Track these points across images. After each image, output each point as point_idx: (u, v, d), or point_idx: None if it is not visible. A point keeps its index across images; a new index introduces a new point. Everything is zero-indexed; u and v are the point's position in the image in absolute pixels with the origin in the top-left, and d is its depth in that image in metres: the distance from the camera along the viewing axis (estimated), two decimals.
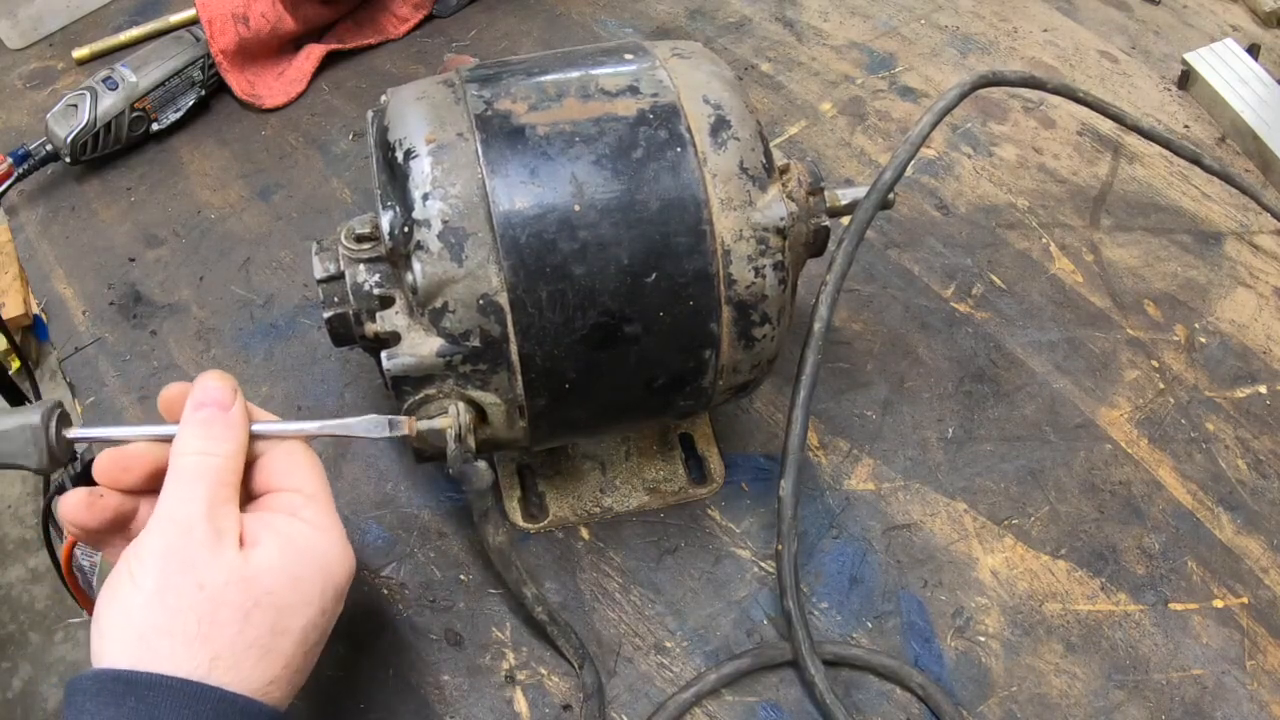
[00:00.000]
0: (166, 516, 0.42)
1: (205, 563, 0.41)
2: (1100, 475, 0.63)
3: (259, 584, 0.41)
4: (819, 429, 0.65)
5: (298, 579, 0.43)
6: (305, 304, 0.72)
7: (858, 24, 0.93)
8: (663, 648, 0.57)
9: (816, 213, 0.54)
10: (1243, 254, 0.75)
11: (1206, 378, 0.68)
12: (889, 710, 0.54)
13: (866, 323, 0.70)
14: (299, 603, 0.43)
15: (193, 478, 0.43)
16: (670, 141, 0.48)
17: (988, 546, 0.60)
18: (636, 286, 0.47)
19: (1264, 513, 0.61)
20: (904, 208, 0.78)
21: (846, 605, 0.58)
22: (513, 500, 0.62)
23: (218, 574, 0.41)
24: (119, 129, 0.80)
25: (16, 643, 1.56)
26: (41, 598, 1.61)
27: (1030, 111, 0.85)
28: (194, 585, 0.40)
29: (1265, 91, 0.82)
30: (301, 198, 0.80)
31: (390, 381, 0.48)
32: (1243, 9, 0.94)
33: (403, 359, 0.47)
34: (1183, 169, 0.80)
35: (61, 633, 1.57)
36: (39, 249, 0.78)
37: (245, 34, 0.84)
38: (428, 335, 0.47)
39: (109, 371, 0.69)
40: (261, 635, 0.41)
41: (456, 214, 0.46)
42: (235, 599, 0.41)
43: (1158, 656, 0.56)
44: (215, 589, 0.40)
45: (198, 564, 0.41)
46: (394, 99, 0.51)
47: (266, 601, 0.41)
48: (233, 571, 0.41)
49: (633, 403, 0.52)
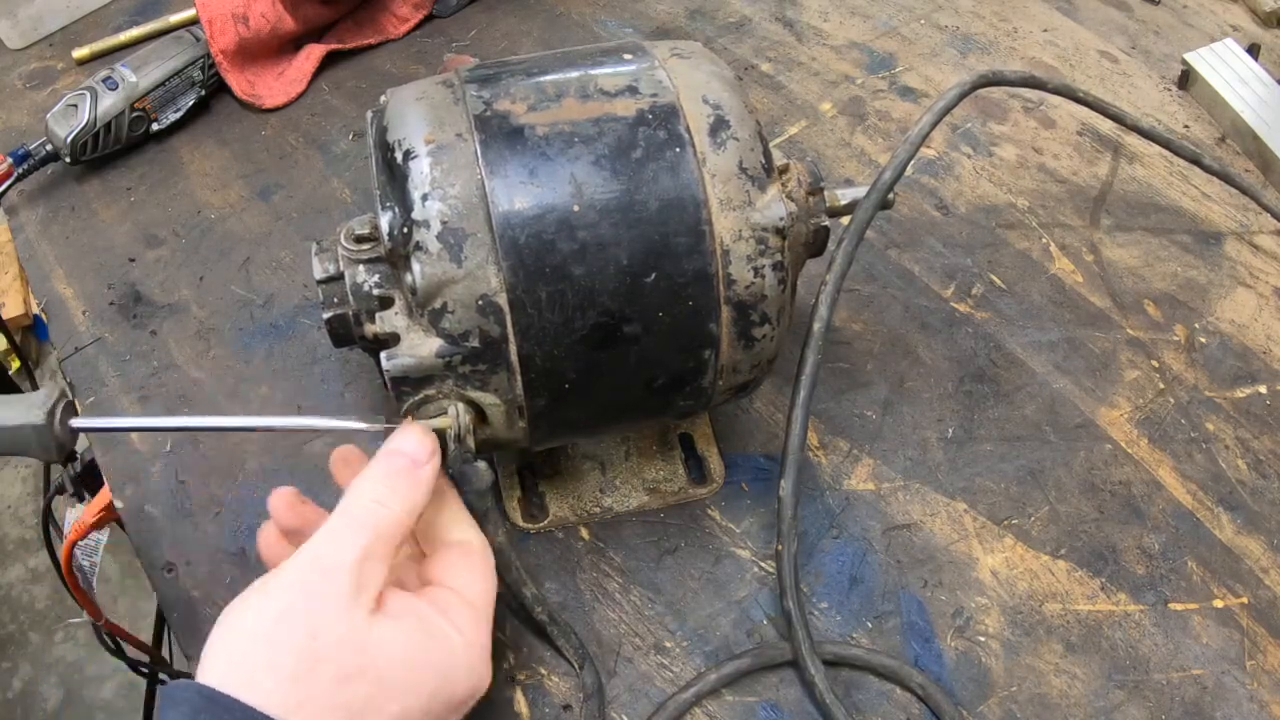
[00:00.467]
0: (314, 553, 0.42)
1: (330, 612, 0.40)
2: (1100, 475, 0.63)
3: (372, 653, 0.40)
4: (819, 429, 0.65)
5: (414, 666, 0.41)
6: (305, 304, 0.72)
7: (858, 24, 0.93)
8: (663, 648, 0.57)
9: (816, 213, 0.54)
10: (1243, 254, 0.75)
11: (1206, 378, 0.68)
12: (889, 710, 0.54)
13: (866, 323, 0.70)
14: (405, 690, 0.41)
15: (357, 523, 0.42)
16: (669, 141, 0.48)
17: (988, 546, 0.60)
18: (636, 287, 0.47)
19: (1264, 513, 0.61)
20: (904, 208, 0.78)
21: (846, 605, 0.58)
22: (513, 500, 0.62)
23: (337, 628, 0.40)
24: (119, 129, 0.80)
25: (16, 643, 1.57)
26: (41, 598, 1.61)
27: (1030, 111, 0.85)
28: (308, 631, 0.39)
29: (1265, 91, 0.82)
30: (301, 198, 0.80)
31: (390, 382, 0.48)
32: (1243, 9, 0.94)
33: (402, 359, 0.47)
34: (1183, 169, 0.80)
35: (61, 633, 1.57)
36: (39, 249, 0.78)
37: (245, 34, 0.84)
38: (427, 336, 0.47)
39: (109, 371, 0.69)
40: (354, 702, 0.39)
41: (455, 214, 0.46)
42: (342, 658, 0.40)
43: (1158, 656, 0.56)
44: (327, 642, 0.40)
45: (323, 612, 0.40)
46: (393, 99, 0.51)
47: (373, 674, 0.40)
48: (353, 631, 0.40)
49: (632, 403, 0.52)
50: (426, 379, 0.48)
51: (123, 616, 1.56)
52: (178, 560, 0.60)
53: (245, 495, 0.63)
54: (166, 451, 0.65)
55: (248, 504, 0.62)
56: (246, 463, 0.64)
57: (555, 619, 0.54)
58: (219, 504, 0.62)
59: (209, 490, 0.63)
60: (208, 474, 0.64)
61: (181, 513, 0.62)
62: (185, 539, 0.61)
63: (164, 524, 0.62)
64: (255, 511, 0.62)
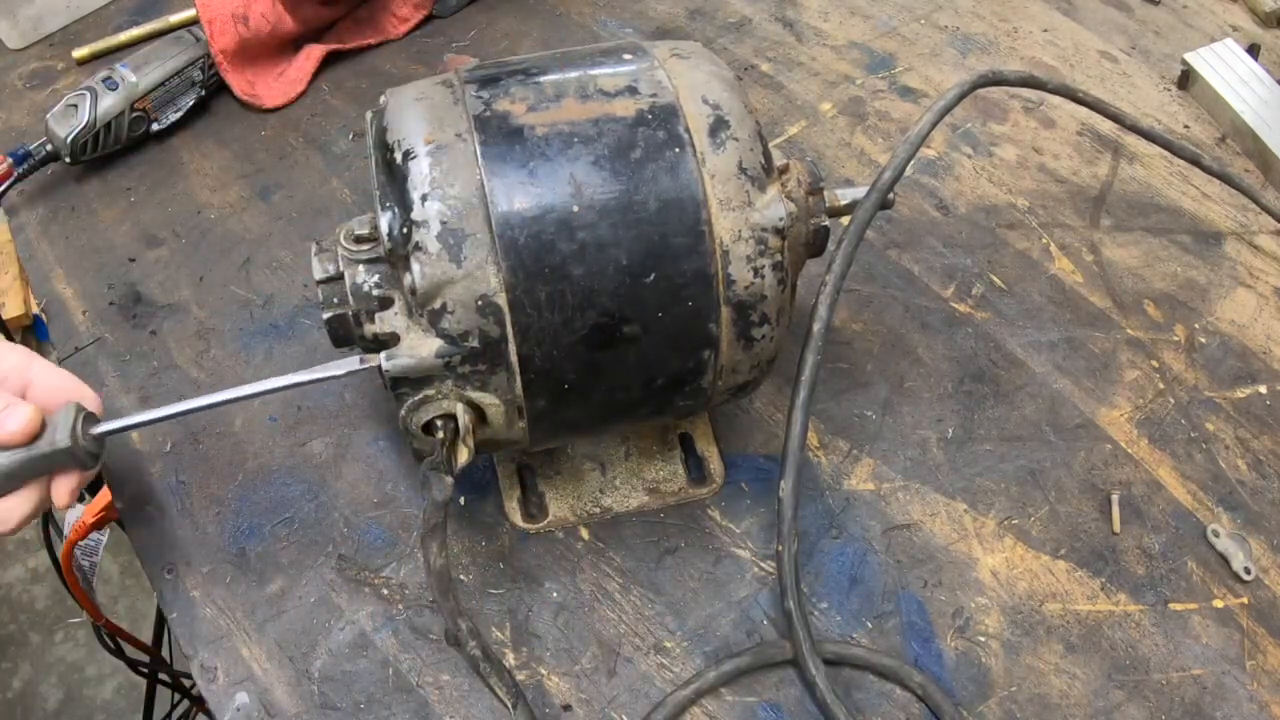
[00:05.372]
0: None
1: None
2: (1100, 475, 0.63)
3: None
4: (819, 429, 0.65)
5: None
6: (305, 304, 0.72)
7: (858, 24, 0.93)
8: (662, 648, 0.57)
9: (816, 213, 0.54)
10: (1243, 254, 0.75)
11: (1206, 378, 0.68)
12: (889, 710, 0.54)
13: (866, 323, 0.70)
14: None
15: None
16: (669, 142, 0.48)
17: (988, 546, 0.60)
18: (635, 287, 0.47)
19: (1264, 513, 0.61)
20: (904, 208, 0.78)
21: (846, 605, 0.58)
22: (512, 500, 0.62)
23: None
24: (119, 129, 0.80)
25: (16, 643, 1.56)
26: (41, 598, 1.61)
27: (1030, 111, 0.85)
28: None
29: (1265, 91, 0.82)
30: (301, 198, 0.80)
31: (389, 382, 0.48)
32: (1243, 9, 0.94)
33: (402, 360, 0.47)
34: (1183, 169, 0.80)
35: (61, 633, 1.57)
36: (39, 249, 0.78)
37: (245, 34, 0.84)
38: (427, 336, 0.47)
39: (109, 371, 0.69)
40: None
41: (455, 215, 0.46)
42: None
43: (1158, 656, 0.56)
44: None
45: None
46: (393, 99, 0.51)
47: None
48: None
49: (632, 403, 0.52)
50: (426, 379, 0.48)
51: (123, 616, 1.56)
52: (178, 560, 0.60)
53: (245, 495, 0.63)
54: (166, 451, 0.65)
55: (248, 504, 0.62)
56: (246, 463, 0.64)
57: (489, 655, 0.49)
58: (219, 504, 0.62)
59: (209, 490, 0.63)
60: (208, 474, 0.64)
61: (182, 513, 0.62)
62: (185, 539, 0.61)
63: (164, 524, 0.62)
64: (255, 511, 0.62)
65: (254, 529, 0.61)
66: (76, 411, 0.50)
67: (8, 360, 0.53)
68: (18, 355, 0.53)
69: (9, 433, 0.48)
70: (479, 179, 0.46)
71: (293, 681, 0.55)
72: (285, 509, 0.62)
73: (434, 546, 0.47)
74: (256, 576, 0.59)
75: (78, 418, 0.49)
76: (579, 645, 0.57)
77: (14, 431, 0.48)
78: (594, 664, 0.56)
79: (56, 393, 0.52)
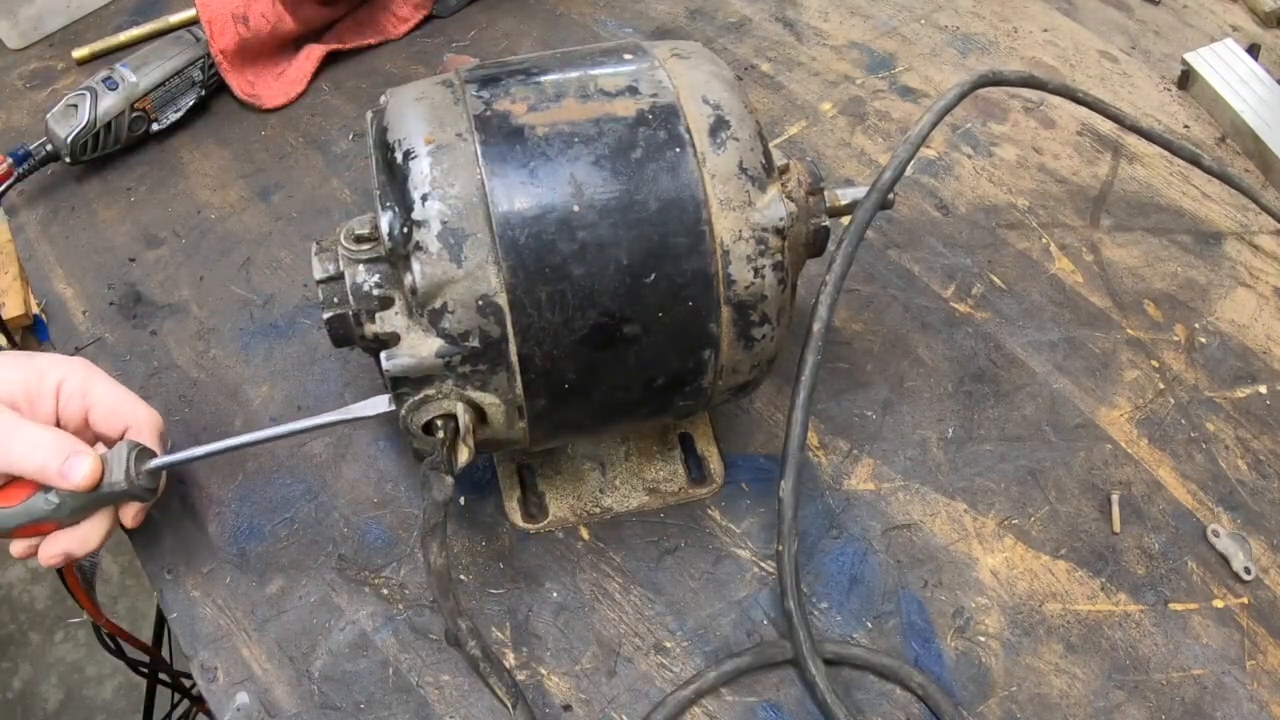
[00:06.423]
0: None
1: None
2: (1100, 475, 0.63)
3: None
4: (819, 429, 0.65)
5: None
6: (305, 304, 0.72)
7: (858, 24, 0.93)
8: (663, 648, 0.57)
9: (816, 213, 0.54)
10: (1243, 254, 0.75)
11: (1206, 378, 0.68)
12: (889, 710, 0.54)
13: (866, 323, 0.70)
14: None
15: None
16: (669, 142, 0.48)
17: (988, 546, 0.60)
18: (636, 287, 0.47)
19: (1264, 513, 0.61)
20: (904, 208, 0.78)
21: (846, 605, 0.58)
22: (513, 500, 0.62)
23: None
24: (119, 129, 0.80)
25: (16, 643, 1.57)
26: (41, 598, 1.61)
27: (1030, 111, 0.85)
28: None
29: (1265, 91, 0.82)
30: (301, 198, 0.80)
31: (390, 382, 0.48)
32: (1243, 9, 0.94)
33: (402, 360, 0.47)
34: (1183, 169, 0.80)
35: (61, 633, 1.57)
36: (39, 249, 0.78)
37: (245, 34, 0.84)
38: (427, 336, 0.47)
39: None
40: None
41: (455, 215, 0.46)
42: None
43: (1158, 656, 0.56)
44: None
45: None
46: (393, 99, 0.51)
47: None
48: None
49: (632, 403, 0.52)
50: (426, 379, 0.48)
51: (123, 616, 1.57)
52: (178, 560, 0.60)
53: (245, 495, 0.63)
54: (167, 451, 0.65)
55: (248, 504, 0.62)
56: (246, 463, 0.64)
57: (489, 655, 0.49)
58: (219, 504, 0.62)
59: (209, 490, 0.63)
60: (208, 474, 0.64)
61: (182, 513, 0.62)
62: (185, 539, 0.61)
63: (164, 524, 0.62)
64: (255, 511, 0.62)
65: (254, 529, 0.61)
66: (129, 450, 0.53)
67: (71, 381, 0.55)
68: (80, 375, 0.56)
69: (75, 485, 0.51)
70: (479, 179, 0.46)
71: (293, 681, 0.55)
72: (285, 509, 0.62)
73: (434, 546, 0.47)
74: (257, 576, 0.59)
75: (130, 456, 0.53)
76: (579, 645, 0.57)
77: (79, 484, 0.51)
78: (594, 664, 0.56)
79: (115, 415, 0.56)
